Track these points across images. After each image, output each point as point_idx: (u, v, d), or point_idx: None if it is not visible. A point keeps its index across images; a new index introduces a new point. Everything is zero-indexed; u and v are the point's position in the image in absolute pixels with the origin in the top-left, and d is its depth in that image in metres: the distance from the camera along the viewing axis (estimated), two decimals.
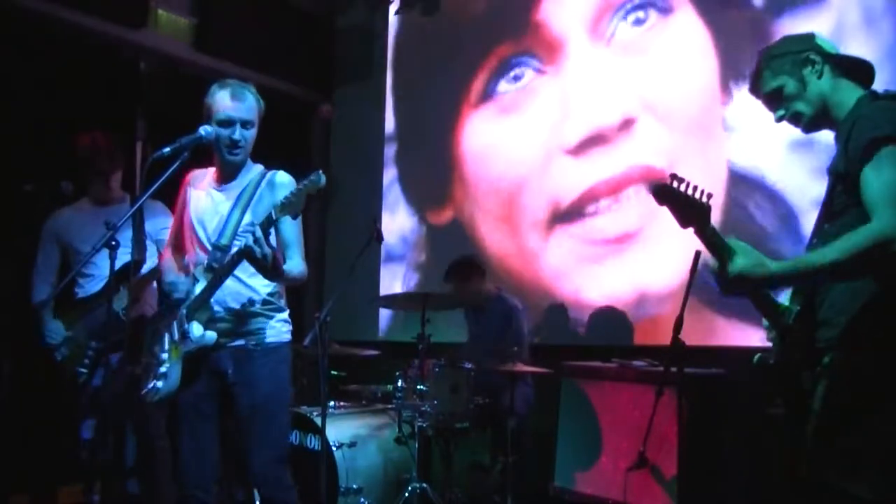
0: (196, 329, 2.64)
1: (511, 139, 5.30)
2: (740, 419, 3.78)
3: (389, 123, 6.15)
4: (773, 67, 2.19)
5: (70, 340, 3.42)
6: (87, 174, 3.60)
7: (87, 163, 3.56)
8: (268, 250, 2.47)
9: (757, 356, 2.22)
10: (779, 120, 2.22)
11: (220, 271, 2.62)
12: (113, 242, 2.68)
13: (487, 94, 5.47)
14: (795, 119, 2.19)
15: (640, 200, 4.58)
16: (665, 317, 3.37)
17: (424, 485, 3.86)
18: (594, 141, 4.80)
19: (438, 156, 5.72)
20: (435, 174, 5.77)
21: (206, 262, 2.69)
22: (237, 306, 2.72)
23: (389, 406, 4.25)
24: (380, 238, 4.26)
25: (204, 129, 2.69)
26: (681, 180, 1.97)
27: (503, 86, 5.37)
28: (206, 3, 5.48)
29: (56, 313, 3.47)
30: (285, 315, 2.84)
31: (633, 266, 4.58)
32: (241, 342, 2.73)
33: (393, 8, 6.08)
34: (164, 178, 2.62)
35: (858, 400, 1.94)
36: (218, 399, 2.76)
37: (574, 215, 4.89)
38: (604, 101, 4.79)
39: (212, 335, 2.65)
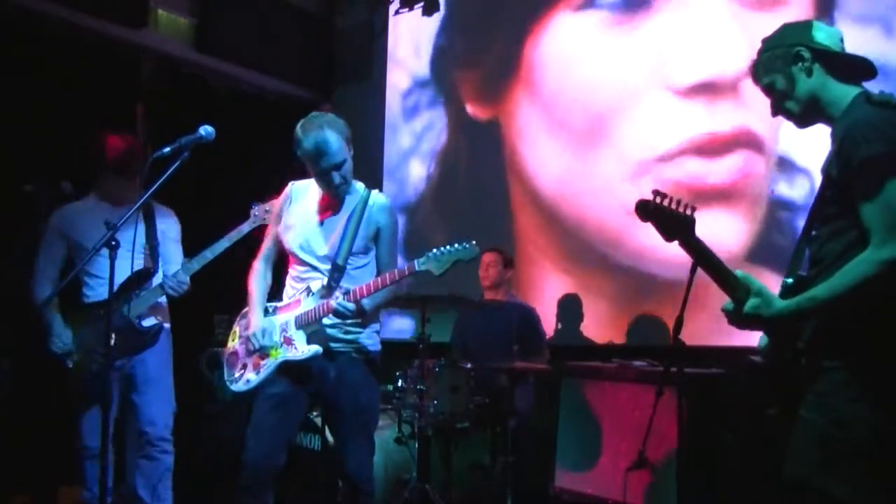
0: (301, 339, 2.83)
1: (609, 56, 4.92)
2: (740, 419, 3.78)
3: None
4: (765, 62, 2.17)
5: (80, 347, 3.27)
6: (112, 172, 3.40)
7: (120, 161, 3.38)
8: (352, 308, 2.71)
9: (748, 358, 2.23)
10: (774, 115, 2.20)
11: (321, 311, 2.79)
12: (113, 242, 2.64)
13: (592, 1, 5.08)
14: (787, 115, 2.18)
15: (737, 165, 4.40)
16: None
17: (424, 485, 3.85)
18: (704, 89, 4.51)
19: (502, 45, 5.42)
20: (492, 64, 5.50)
21: (324, 280, 2.85)
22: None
23: (389, 406, 4.25)
24: None
25: (204, 129, 2.69)
26: (663, 195, 2.00)
27: None
28: (206, 3, 5.48)
29: (65, 318, 3.32)
30: (378, 325, 3.04)
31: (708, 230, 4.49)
32: (344, 349, 2.90)
33: (393, 8, 6.08)
34: (164, 178, 2.62)
35: (843, 403, 1.94)
36: (308, 397, 2.94)
37: (665, 160, 4.61)
38: (722, 48, 4.45)
39: (318, 349, 2.81)
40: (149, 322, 3.32)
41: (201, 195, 4.85)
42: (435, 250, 2.71)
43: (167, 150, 2.60)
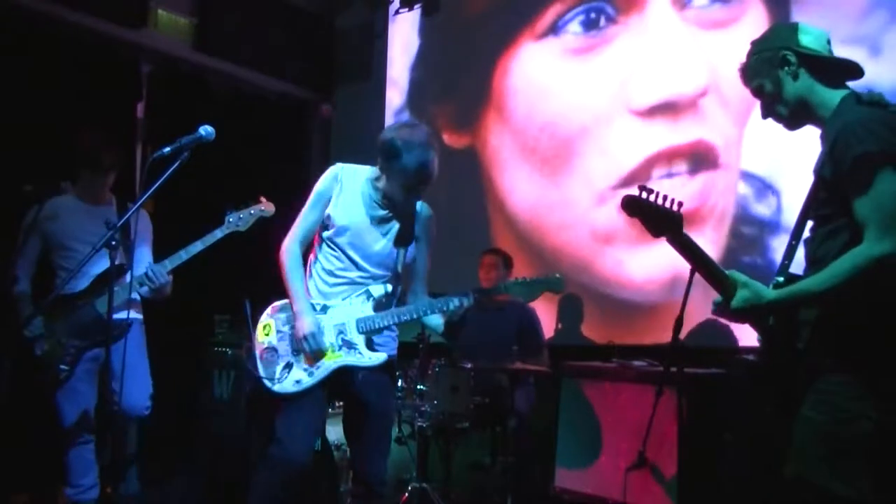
0: (363, 344, 2.78)
1: (573, 83, 5.06)
2: (740, 419, 3.78)
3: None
4: (753, 65, 2.18)
5: (51, 337, 3.37)
6: (86, 168, 3.55)
7: (90, 157, 3.52)
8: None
9: (745, 359, 2.24)
10: (764, 117, 2.22)
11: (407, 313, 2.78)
12: (113, 242, 2.68)
13: (554, 29, 5.19)
14: (777, 118, 2.19)
15: (699, 180, 4.49)
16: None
17: (424, 485, 3.85)
18: (664, 108, 4.63)
19: (474, 76, 5.53)
20: (465, 95, 5.59)
21: (387, 287, 2.82)
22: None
23: None
24: None
25: (204, 129, 2.68)
26: (650, 191, 2.00)
27: (574, 25, 5.10)
28: (206, 3, 5.48)
29: (36, 307, 3.41)
30: (396, 330, 3.00)
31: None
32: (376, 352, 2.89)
33: (393, 8, 6.08)
34: (164, 178, 2.62)
35: (845, 401, 1.94)
36: (330, 396, 2.96)
37: (632, 181, 4.65)
38: (679, 68, 4.61)
39: (385, 356, 2.80)
40: (119, 316, 3.31)
41: (201, 195, 4.84)
42: (522, 279, 2.72)
43: (167, 150, 2.59)
